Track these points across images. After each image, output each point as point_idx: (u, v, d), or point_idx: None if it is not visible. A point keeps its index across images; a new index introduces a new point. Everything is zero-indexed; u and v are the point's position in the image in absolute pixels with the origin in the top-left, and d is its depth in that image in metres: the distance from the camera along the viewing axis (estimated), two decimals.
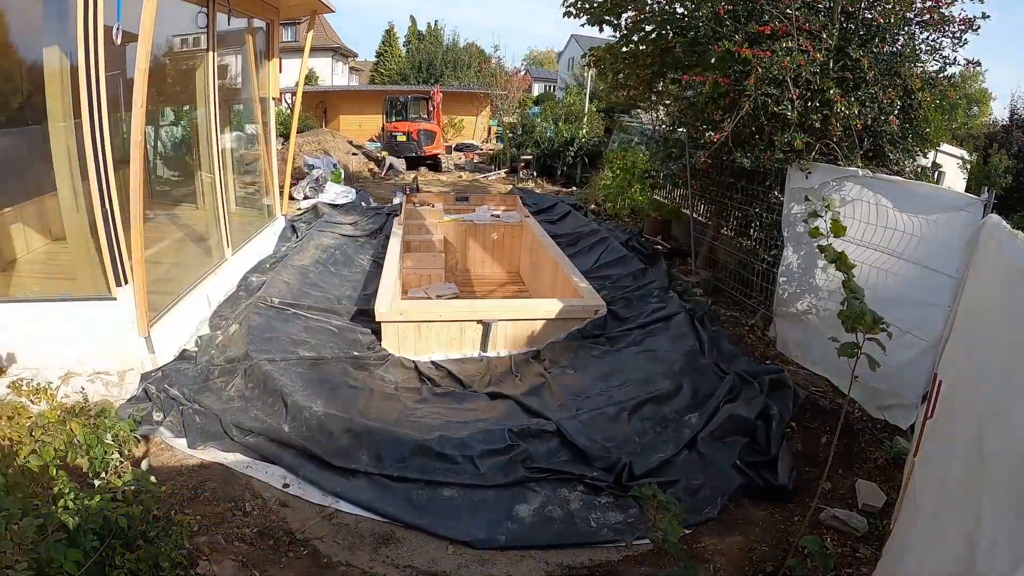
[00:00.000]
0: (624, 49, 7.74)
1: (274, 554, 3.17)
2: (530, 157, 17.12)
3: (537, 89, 37.84)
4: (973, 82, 25.21)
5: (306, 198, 11.74)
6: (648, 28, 7.28)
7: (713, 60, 5.79)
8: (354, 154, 17.72)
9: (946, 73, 5.96)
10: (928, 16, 5.85)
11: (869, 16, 5.87)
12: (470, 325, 5.65)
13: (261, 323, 5.37)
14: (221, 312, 5.98)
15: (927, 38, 6.03)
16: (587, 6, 7.54)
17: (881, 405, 4.53)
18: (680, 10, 6.86)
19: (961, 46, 5.82)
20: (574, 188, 14.83)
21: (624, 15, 7.39)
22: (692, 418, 4.37)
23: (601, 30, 7.74)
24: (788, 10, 5.51)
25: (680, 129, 7.88)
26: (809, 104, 5.53)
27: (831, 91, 5.33)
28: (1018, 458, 1.65)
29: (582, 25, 7.78)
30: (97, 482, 2.71)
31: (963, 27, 5.73)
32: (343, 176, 13.78)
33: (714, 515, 3.58)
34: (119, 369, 4.71)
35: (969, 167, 15.17)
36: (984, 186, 3.89)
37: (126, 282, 4.57)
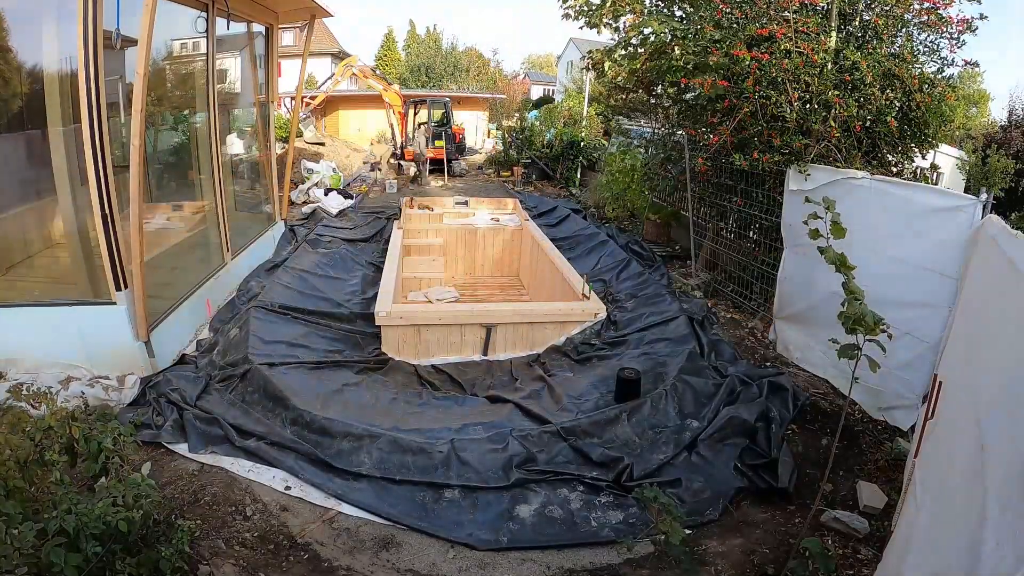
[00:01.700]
0: (623, 52, 7.75)
1: (275, 558, 3.17)
2: (529, 160, 17.15)
3: (536, 93, 37.91)
4: (971, 83, 25.24)
5: (305, 203, 11.76)
6: (647, 31, 7.29)
7: (711, 62, 5.80)
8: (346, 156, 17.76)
9: (944, 74, 5.98)
10: (926, 17, 5.87)
11: (867, 18, 5.89)
12: (470, 329, 5.65)
13: (261, 327, 5.37)
14: (221, 316, 5.98)
15: (925, 39, 6.05)
16: (585, 8, 7.55)
17: (882, 406, 4.53)
18: (679, 13, 6.88)
19: (959, 47, 5.85)
20: (574, 191, 14.85)
21: (622, 18, 7.40)
22: (692, 421, 4.37)
23: (599, 32, 7.76)
24: (786, 12, 5.53)
25: (679, 132, 7.89)
26: (808, 106, 5.54)
27: (829, 93, 5.34)
28: (1020, 457, 1.64)
29: (580, 28, 7.80)
30: (97, 487, 2.71)
31: (961, 28, 5.76)
32: (342, 181, 13.79)
33: (715, 517, 3.58)
34: (119, 373, 4.71)
35: (968, 168, 15.15)
36: (983, 187, 3.88)
37: (126, 286, 4.57)
